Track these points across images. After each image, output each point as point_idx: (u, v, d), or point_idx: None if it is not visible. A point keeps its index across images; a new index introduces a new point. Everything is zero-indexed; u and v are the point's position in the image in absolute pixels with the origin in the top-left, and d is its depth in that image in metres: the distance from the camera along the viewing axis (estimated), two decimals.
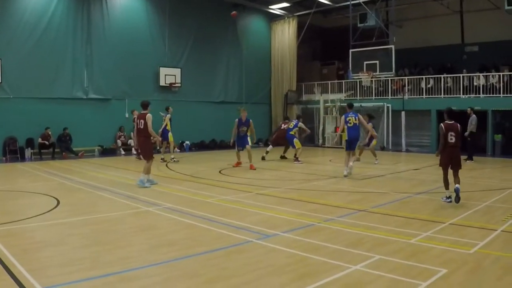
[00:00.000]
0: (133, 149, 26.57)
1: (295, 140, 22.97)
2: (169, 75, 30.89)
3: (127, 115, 28.45)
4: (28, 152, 25.10)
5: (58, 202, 12.60)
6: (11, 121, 24.29)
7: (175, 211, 11.43)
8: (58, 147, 25.69)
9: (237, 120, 20.45)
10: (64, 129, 25.76)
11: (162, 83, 30.65)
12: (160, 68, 30.58)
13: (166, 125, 22.85)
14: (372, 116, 23.59)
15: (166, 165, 21.89)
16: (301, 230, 9.44)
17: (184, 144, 30.85)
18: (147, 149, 15.56)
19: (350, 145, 18.14)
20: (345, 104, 32.21)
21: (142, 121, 15.04)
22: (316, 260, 7.44)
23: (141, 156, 17.02)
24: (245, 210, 11.55)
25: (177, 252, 7.97)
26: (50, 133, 25.42)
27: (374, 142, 22.67)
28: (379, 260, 7.35)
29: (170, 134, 23.07)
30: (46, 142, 25.35)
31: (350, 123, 18.01)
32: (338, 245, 8.21)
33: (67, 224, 10.23)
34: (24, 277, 6.60)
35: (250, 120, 20.51)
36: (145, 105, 15.47)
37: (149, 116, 15.01)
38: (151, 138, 15.45)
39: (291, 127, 23.28)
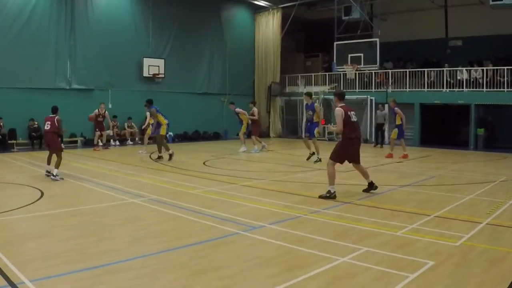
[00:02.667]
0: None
1: None
2: (153, 65, 30.74)
3: (110, 106, 28.29)
4: (11, 143, 24.98)
5: (42, 194, 12.52)
6: None
7: (160, 202, 11.40)
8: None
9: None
10: None
11: (145, 73, 30.49)
12: (144, 58, 30.41)
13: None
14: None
15: (150, 156, 21.83)
16: (287, 222, 9.46)
17: (167, 135, 30.75)
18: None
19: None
20: (329, 96, 32.44)
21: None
22: (304, 252, 7.45)
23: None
24: (230, 202, 11.54)
25: (163, 244, 7.94)
26: (37, 123, 25.33)
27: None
28: (367, 252, 7.36)
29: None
30: (34, 134, 25.25)
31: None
32: (325, 237, 8.23)
33: (52, 216, 10.20)
34: (10, 270, 6.54)
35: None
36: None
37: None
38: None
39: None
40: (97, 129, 25.34)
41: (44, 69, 26.32)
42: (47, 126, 15.50)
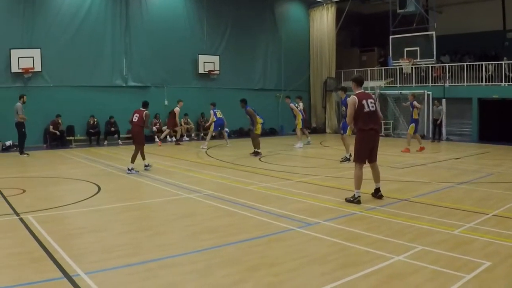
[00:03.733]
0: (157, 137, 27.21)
1: None
2: (208, 62, 31.03)
3: (166, 103, 28.71)
4: (69, 139, 25.64)
5: (99, 189, 12.81)
6: (52, 109, 24.67)
7: (216, 198, 11.50)
8: (104, 135, 26.40)
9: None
10: (110, 118, 26.34)
11: (201, 70, 30.84)
12: (199, 55, 30.73)
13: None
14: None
15: (206, 152, 22.05)
16: (342, 218, 9.43)
17: (224, 131, 30.90)
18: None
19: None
20: (386, 91, 32.13)
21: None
22: (358, 249, 7.42)
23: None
24: (286, 198, 11.55)
25: (218, 239, 8.02)
26: (96, 120, 26.12)
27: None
28: (422, 251, 7.27)
29: None
30: (92, 130, 25.79)
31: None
32: (380, 235, 8.17)
33: (108, 210, 10.46)
34: (66, 263, 6.72)
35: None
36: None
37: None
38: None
39: None
40: (169, 126, 26.01)
41: (100, 67, 26.94)
42: (134, 118, 16.10)
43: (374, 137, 10.92)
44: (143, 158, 16.16)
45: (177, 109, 25.51)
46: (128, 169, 15.71)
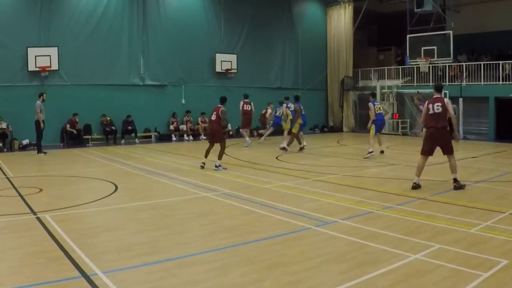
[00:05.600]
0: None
1: None
2: (225, 61, 31.04)
3: (183, 101, 28.82)
4: (86, 138, 25.74)
5: (116, 188, 12.87)
6: (69, 108, 24.78)
7: (233, 197, 11.53)
8: (121, 134, 26.40)
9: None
10: (127, 117, 26.45)
11: (218, 69, 30.83)
12: (216, 54, 30.72)
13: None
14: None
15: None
16: (359, 217, 9.43)
17: (241, 130, 30.90)
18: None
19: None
20: (403, 90, 32.06)
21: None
22: (375, 248, 7.42)
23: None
24: (303, 197, 11.57)
25: (235, 238, 8.05)
26: (109, 119, 26.08)
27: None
28: (439, 249, 7.27)
29: None
30: (108, 129, 25.86)
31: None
32: (397, 233, 8.17)
33: (125, 209, 10.51)
34: (83, 262, 6.76)
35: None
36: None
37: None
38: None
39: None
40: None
41: (118, 66, 27.01)
42: (213, 117, 16.26)
43: (435, 134, 12.34)
44: (219, 157, 16.22)
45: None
46: (216, 166, 16.02)
